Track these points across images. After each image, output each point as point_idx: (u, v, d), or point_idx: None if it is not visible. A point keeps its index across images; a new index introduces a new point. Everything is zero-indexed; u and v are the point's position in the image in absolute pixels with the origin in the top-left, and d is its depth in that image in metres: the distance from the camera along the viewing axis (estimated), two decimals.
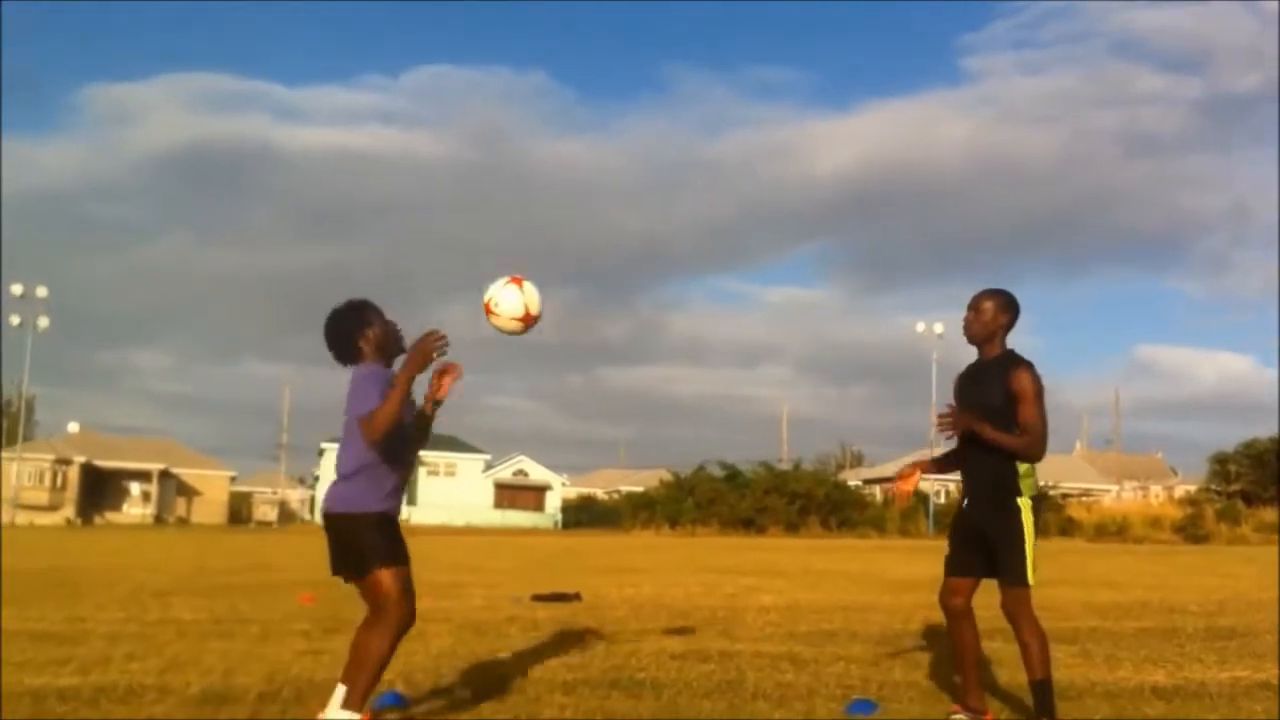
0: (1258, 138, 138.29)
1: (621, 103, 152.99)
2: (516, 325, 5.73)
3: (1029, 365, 5.90)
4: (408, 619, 5.53)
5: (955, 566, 6.07)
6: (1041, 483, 6.06)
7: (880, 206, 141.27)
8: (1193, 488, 67.63)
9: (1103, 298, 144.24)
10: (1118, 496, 73.70)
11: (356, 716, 5.37)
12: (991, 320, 6.02)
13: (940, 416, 5.94)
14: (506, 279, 5.76)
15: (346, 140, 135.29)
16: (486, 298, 5.72)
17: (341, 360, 5.69)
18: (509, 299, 5.71)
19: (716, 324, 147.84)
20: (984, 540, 5.91)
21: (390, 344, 5.71)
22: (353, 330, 5.66)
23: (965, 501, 6.10)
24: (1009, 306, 6.05)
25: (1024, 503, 5.85)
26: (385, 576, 5.48)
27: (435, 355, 5.48)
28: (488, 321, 5.74)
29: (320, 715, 5.45)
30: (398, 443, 5.54)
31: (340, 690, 5.43)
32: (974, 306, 6.06)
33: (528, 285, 5.76)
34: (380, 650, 5.46)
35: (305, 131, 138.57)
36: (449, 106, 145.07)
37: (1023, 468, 5.88)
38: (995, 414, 5.84)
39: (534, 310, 5.75)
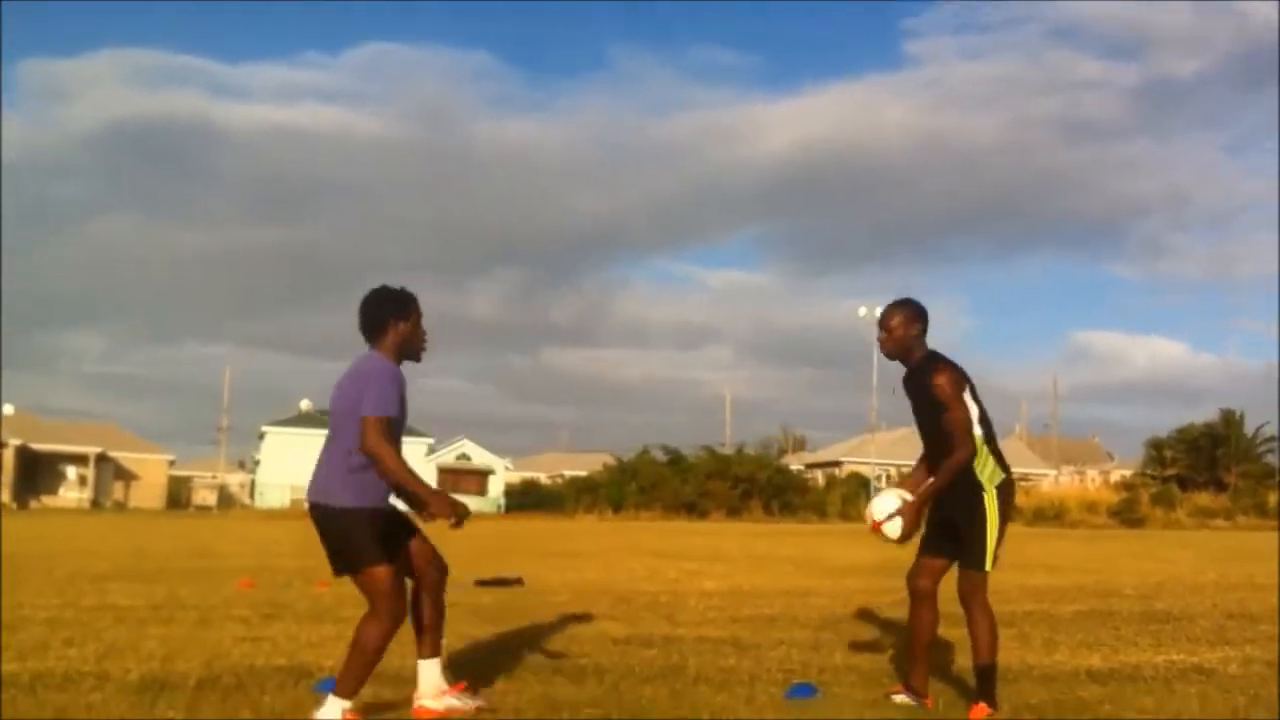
0: (1195, 123, 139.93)
1: (566, 83, 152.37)
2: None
3: (947, 368, 6.01)
4: (402, 613, 5.58)
5: (928, 547, 6.19)
6: (1002, 466, 6.13)
7: (822, 190, 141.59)
8: (1129, 472, 68.58)
9: (1040, 282, 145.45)
10: (1055, 481, 74.52)
11: (346, 704, 5.40)
12: (904, 334, 6.16)
13: (903, 527, 6.10)
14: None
15: (287, 118, 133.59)
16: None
17: (365, 335, 5.77)
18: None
19: (660, 306, 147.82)
20: (953, 527, 6.01)
21: (411, 347, 5.83)
22: (390, 316, 5.75)
23: (939, 503, 6.17)
24: (917, 316, 6.18)
25: (988, 492, 5.95)
26: (379, 573, 5.50)
27: (442, 518, 5.58)
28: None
29: (315, 715, 5.44)
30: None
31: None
32: (883, 326, 6.21)
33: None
34: (372, 641, 5.47)
35: (245, 109, 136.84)
36: (392, 85, 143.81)
37: (980, 459, 5.95)
38: (937, 412, 5.95)
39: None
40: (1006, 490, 6.02)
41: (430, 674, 5.88)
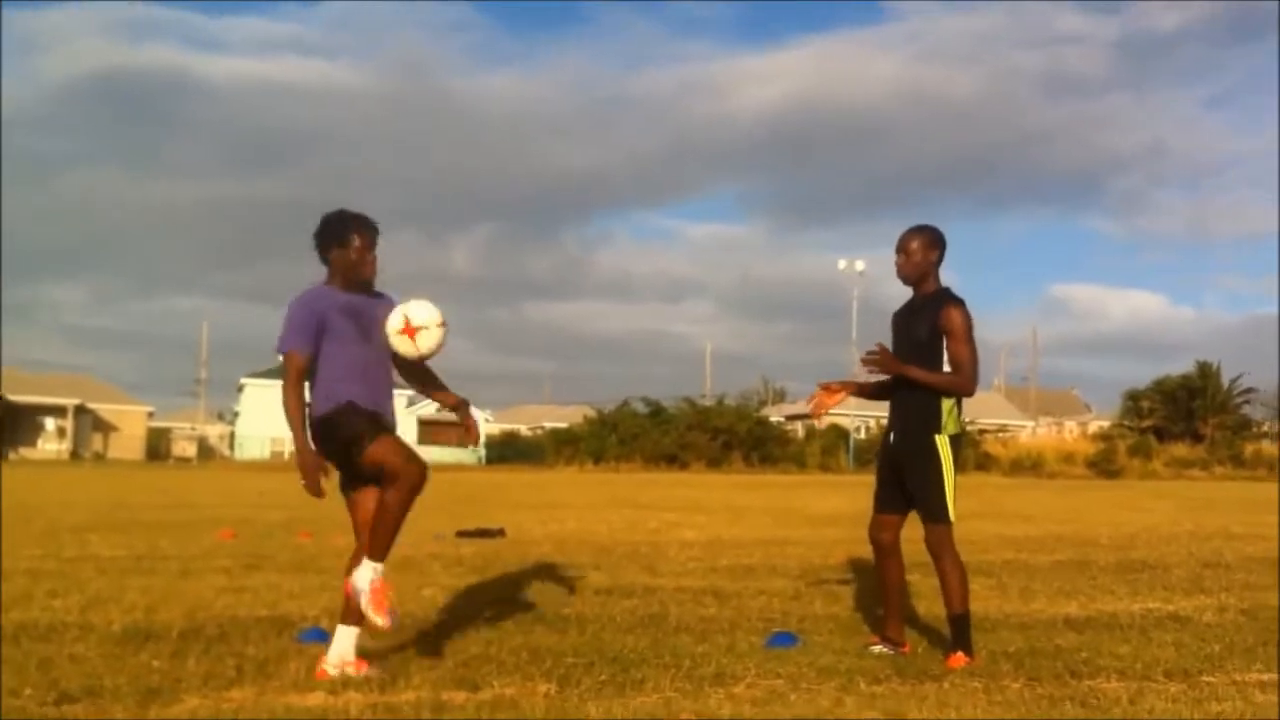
0: (1176, 77, 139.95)
1: (545, 36, 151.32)
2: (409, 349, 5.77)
3: (959, 302, 5.98)
4: (419, 475, 5.47)
5: (883, 502, 6.19)
6: (963, 419, 6.14)
7: (804, 144, 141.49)
8: (1106, 423, 68.97)
9: (1021, 236, 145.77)
10: (1033, 432, 74.86)
11: (378, 565, 5.42)
12: (921, 259, 6.09)
13: (867, 354, 5.98)
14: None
15: (266, 71, 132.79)
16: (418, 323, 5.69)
17: (320, 258, 5.76)
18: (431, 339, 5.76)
19: (641, 260, 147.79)
20: (904, 476, 6.02)
21: (354, 272, 5.72)
22: (327, 241, 5.71)
23: (889, 436, 6.21)
24: (936, 242, 6.12)
25: (942, 440, 5.95)
26: (378, 450, 5.46)
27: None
28: (400, 338, 5.69)
29: (349, 579, 5.47)
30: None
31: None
32: (901, 249, 6.12)
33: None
34: (395, 504, 5.43)
35: (224, 61, 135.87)
36: (370, 38, 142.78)
37: (946, 405, 5.96)
38: (927, 350, 5.93)
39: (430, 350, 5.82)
40: (958, 442, 6.04)
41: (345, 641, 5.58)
